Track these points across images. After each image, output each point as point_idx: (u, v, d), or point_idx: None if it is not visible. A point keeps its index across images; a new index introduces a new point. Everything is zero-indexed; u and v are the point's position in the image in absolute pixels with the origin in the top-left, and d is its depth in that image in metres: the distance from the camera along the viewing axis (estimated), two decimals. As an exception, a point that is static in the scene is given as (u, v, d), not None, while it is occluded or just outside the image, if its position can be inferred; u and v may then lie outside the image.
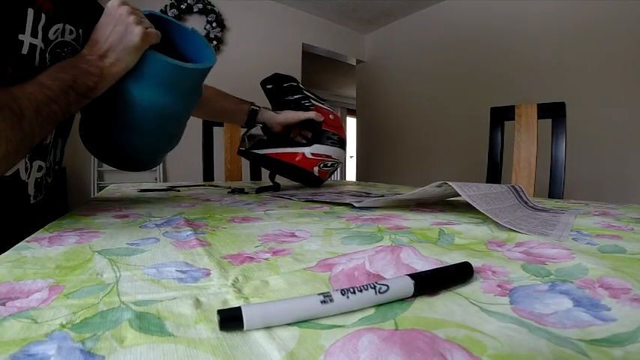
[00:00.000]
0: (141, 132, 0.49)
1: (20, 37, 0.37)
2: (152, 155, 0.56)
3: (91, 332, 0.14)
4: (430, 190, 0.42)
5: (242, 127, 0.92)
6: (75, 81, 0.40)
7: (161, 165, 2.62)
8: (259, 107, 0.87)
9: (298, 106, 0.88)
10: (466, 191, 0.37)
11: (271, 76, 0.89)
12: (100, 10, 0.46)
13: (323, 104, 0.89)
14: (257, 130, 0.89)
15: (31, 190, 0.45)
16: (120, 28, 0.43)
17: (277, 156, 0.82)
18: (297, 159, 0.83)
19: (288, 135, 0.89)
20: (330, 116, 0.87)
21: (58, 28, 0.44)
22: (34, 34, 0.39)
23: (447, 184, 0.39)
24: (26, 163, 0.43)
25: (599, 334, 0.14)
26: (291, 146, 0.83)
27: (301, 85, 0.87)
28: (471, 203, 0.36)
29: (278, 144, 0.83)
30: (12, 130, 0.32)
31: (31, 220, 0.44)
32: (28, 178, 0.44)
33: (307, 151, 0.83)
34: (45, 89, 0.37)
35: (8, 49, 0.36)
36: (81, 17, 0.48)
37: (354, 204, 0.50)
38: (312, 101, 0.86)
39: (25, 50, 0.38)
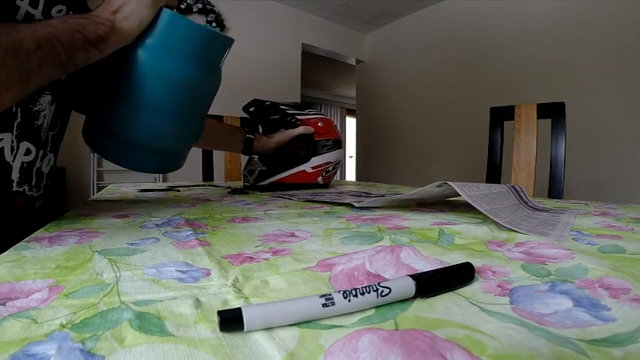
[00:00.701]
0: (160, 111, 0.45)
1: (18, 2, 0.36)
2: (175, 143, 0.51)
3: (91, 332, 0.14)
4: (430, 190, 0.42)
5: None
6: (83, 27, 0.37)
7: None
8: (253, 135, 0.88)
9: (285, 123, 0.90)
10: (466, 191, 0.37)
11: (251, 102, 0.91)
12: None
13: (307, 114, 0.89)
14: (255, 163, 0.91)
15: (15, 175, 0.42)
16: None
17: (281, 180, 0.86)
18: (299, 177, 0.86)
19: (284, 151, 0.90)
20: (319, 124, 0.88)
21: (62, 10, 0.42)
22: (33, 5, 0.38)
23: (447, 184, 0.39)
24: (13, 142, 0.40)
25: (599, 334, 0.14)
26: (291, 167, 0.86)
27: (282, 106, 0.89)
28: (471, 203, 0.36)
29: (278, 169, 0.87)
30: (6, 52, 0.29)
31: (12, 210, 0.41)
32: (13, 161, 0.41)
33: (307, 166, 0.86)
34: (50, 27, 0.34)
35: (2, 12, 0.35)
36: (81, 10, 0.47)
37: (354, 204, 0.50)
38: (297, 116, 0.88)
39: (20, 17, 0.37)
